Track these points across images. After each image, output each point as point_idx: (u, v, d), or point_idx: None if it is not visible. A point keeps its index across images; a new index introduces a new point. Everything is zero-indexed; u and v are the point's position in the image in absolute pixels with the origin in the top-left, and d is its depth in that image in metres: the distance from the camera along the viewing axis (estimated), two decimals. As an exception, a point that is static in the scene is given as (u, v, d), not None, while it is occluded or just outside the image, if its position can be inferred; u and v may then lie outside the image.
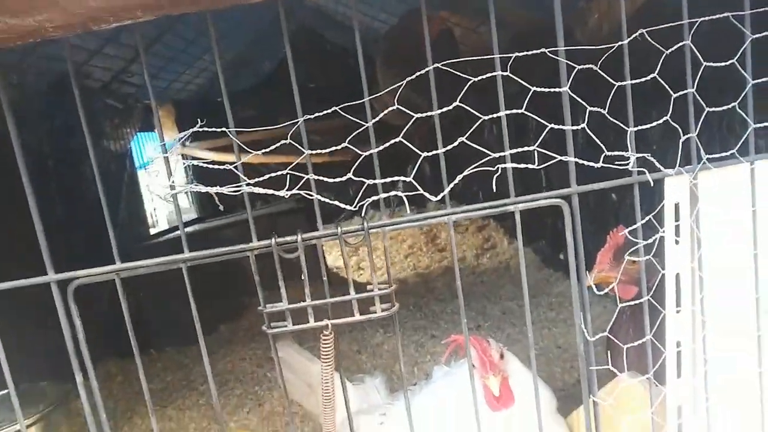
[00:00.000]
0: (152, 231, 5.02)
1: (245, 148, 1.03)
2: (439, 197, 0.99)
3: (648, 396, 1.23)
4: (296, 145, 0.99)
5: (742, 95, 1.06)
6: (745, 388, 1.17)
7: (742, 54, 1.05)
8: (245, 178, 0.99)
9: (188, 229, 4.61)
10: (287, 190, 1.01)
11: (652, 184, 1.02)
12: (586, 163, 0.98)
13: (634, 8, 2.32)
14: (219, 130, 1.08)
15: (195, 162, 1.04)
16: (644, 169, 1.05)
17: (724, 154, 1.08)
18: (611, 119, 1.01)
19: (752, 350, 1.15)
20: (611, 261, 1.61)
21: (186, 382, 3.48)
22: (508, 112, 0.97)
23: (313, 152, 1.03)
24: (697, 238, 1.11)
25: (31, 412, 2.16)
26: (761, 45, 1.04)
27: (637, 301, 1.16)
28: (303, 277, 1.04)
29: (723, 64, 1.05)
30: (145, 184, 5.00)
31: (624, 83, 1.02)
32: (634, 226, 1.14)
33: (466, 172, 0.98)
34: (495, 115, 0.96)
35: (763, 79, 1.06)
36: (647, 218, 1.10)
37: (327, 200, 1.04)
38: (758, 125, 1.07)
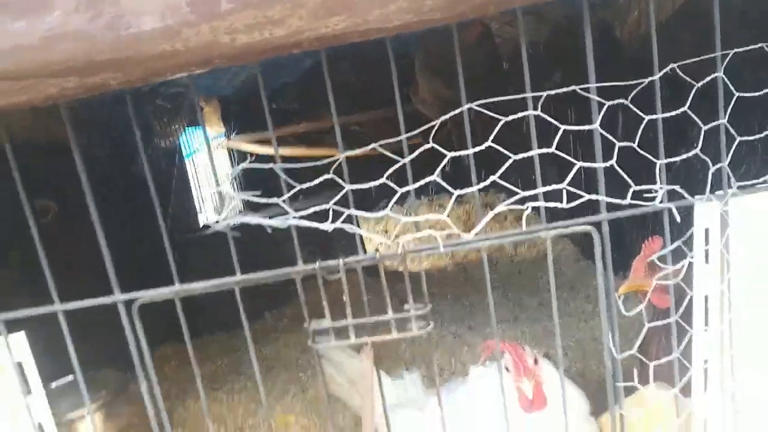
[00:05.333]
0: (201, 221, 5.21)
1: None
2: (475, 231, 1.05)
3: (674, 407, 1.27)
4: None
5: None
6: (772, 406, 1.20)
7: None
8: (291, 210, 1.06)
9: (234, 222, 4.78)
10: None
11: (678, 219, 1.05)
12: (614, 200, 1.02)
13: (674, 7, 2.29)
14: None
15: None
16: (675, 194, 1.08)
17: (757, 181, 1.11)
18: (642, 153, 1.04)
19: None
20: (646, 270, 1.64)
21: (236, 366, 3.66)
22: (539, 151, 1.02)
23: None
24: (727, 261, 1.14)
25: (96, 398, 2.34)
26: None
27: (665, 321, 1.20)
28: (345, 298, 1.12)
29: (758, 93, 1.07)
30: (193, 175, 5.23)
31: (655, 116, 1.04)
32: (666, 250, 1.18)
33: (497, 210, 1.04)
34: (525, 155, 1.01)
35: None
36: (677, 244, 1.14)
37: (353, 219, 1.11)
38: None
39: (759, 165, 1.10)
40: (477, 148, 1.05)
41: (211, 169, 1.26)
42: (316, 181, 1.08)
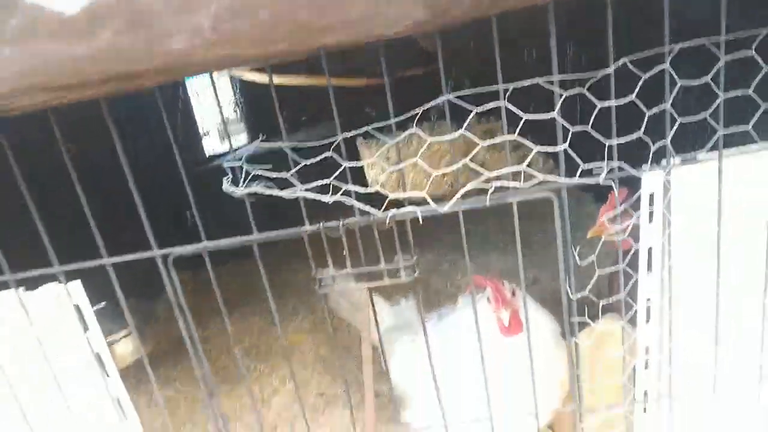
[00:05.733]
0: (206, 149, 5.36)
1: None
2: (451, 203, 1.25)
3: (622, 335, 1.53)
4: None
5: (713, 107, 1.24)
6: (701, 335, 1.45)
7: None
8: (298, 183, 1.26)
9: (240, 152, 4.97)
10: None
11: (617, 193, 1.25)
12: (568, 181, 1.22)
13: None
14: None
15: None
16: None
17: (695, 153, 1.30)
18: (594, 134, 1.23)
19: (710, 303, 1.42)
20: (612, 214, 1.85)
21: (248, 291, 3.97)
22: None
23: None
24: (668, 220, 1.35)
25: (125, 325, 2.64)
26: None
27: (615, 267, 1.42)
28: (344, 253, 1.35)
29: (698, 82, 1.23)
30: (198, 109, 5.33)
31: (609, 103, 1.22)
32: (617, 210, 1.39)
33: (469, 186, 1.23)
34: (494, 140, 1.19)
35: (733, 93, 1.23)
36: (625, 206, 1.34)
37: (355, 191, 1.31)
38: (726, 131, 1.26)
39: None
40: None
41: (216, 104, 1.39)
42: (318, 158, 1.27)
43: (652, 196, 1.33)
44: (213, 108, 6.24)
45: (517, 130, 1.23)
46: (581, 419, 1.56)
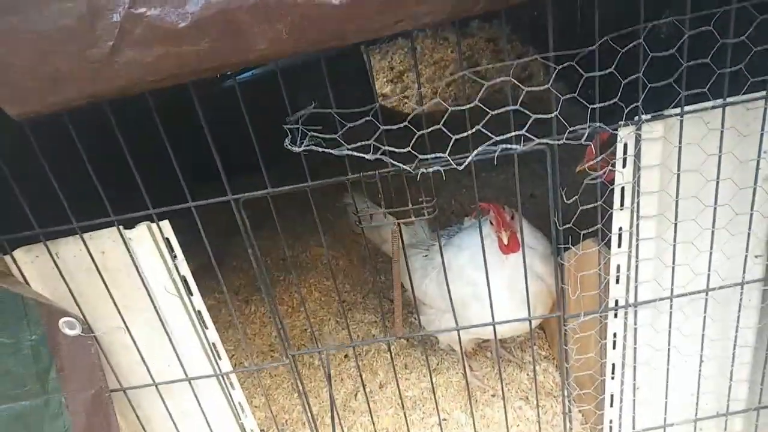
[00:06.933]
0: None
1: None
2: (467, 162, 1.58)
3: (598, 256, 1.91)
4: None
5: (677, 74, 1.53)
6: (661, 257, 1.82)
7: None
8: (345, 143, 1.58)
9: (246, 76, 5.14)
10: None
11: (596, 148, 1.56)
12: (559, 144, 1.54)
13: None
14: None
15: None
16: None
17: (662, 112, 1.61)
18: (580, 99, 1.53)
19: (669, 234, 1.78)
20: (598, 155, 2.17)
21: (268, 213, 4.34)
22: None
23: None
24: (638, 165, 1.68)
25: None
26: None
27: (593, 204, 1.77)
28: (380, 195, 1.69)
29: (667, 53, 1.52)
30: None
31: (593, 74, 1.51)
32: (598, 158, 1.71)
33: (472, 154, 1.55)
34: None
35: (697, 61, 1.52)
36: (602, 156, 1.67)
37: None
38: (687, 92, 1.56)
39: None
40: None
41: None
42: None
43: (626, 146, 1.65)
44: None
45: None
46: (565, 323, 1.96)
